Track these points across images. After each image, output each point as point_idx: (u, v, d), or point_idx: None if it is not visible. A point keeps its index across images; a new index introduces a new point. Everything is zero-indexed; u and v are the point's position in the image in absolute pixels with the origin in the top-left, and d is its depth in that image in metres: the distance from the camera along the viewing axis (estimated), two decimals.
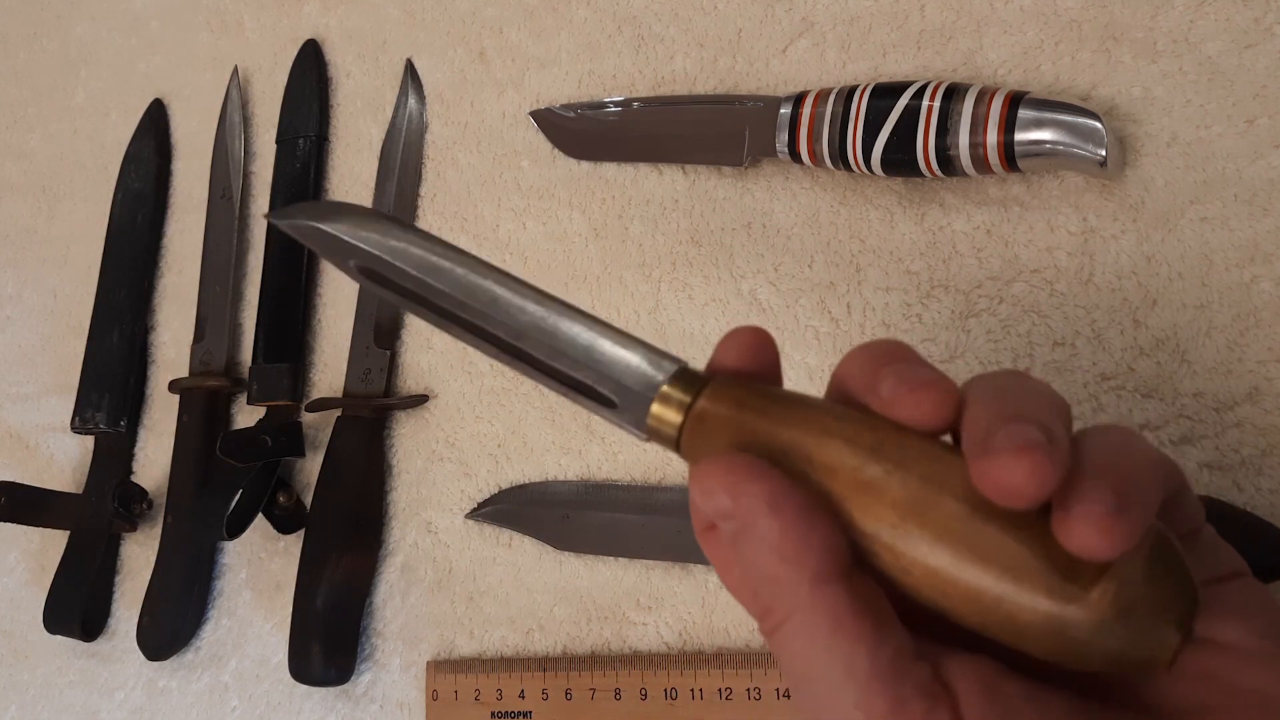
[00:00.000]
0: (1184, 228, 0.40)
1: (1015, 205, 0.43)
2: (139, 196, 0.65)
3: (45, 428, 0.66)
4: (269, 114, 0.62)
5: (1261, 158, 0.39)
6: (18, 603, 0.64)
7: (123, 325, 0.63)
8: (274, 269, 0.58)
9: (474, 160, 0.55)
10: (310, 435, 0.56)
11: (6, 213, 0.72)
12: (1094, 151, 0.38)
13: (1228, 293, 0.39)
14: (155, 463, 0.61)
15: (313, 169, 0.59)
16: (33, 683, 0.62)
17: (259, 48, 0.64)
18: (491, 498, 0.51)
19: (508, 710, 0.48)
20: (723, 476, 0.24)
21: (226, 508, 0.53)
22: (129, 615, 0.60)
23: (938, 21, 0.45)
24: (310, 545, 0.53)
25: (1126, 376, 0.40)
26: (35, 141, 0.72)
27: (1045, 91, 0.42)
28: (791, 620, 0.23)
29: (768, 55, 0.48)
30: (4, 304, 0.70)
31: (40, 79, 0.73)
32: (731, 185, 0.48)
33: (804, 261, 0.46)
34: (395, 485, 0.54)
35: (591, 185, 0.52)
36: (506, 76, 0.55)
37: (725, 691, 0.44)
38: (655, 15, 0.52)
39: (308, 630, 0.51)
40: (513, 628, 0.49)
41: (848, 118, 0.43)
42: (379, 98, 0.59)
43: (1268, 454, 0.38)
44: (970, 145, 0.40)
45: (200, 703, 0.57)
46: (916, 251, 0.44)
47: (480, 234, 0.54)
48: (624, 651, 0.47)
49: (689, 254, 0.49)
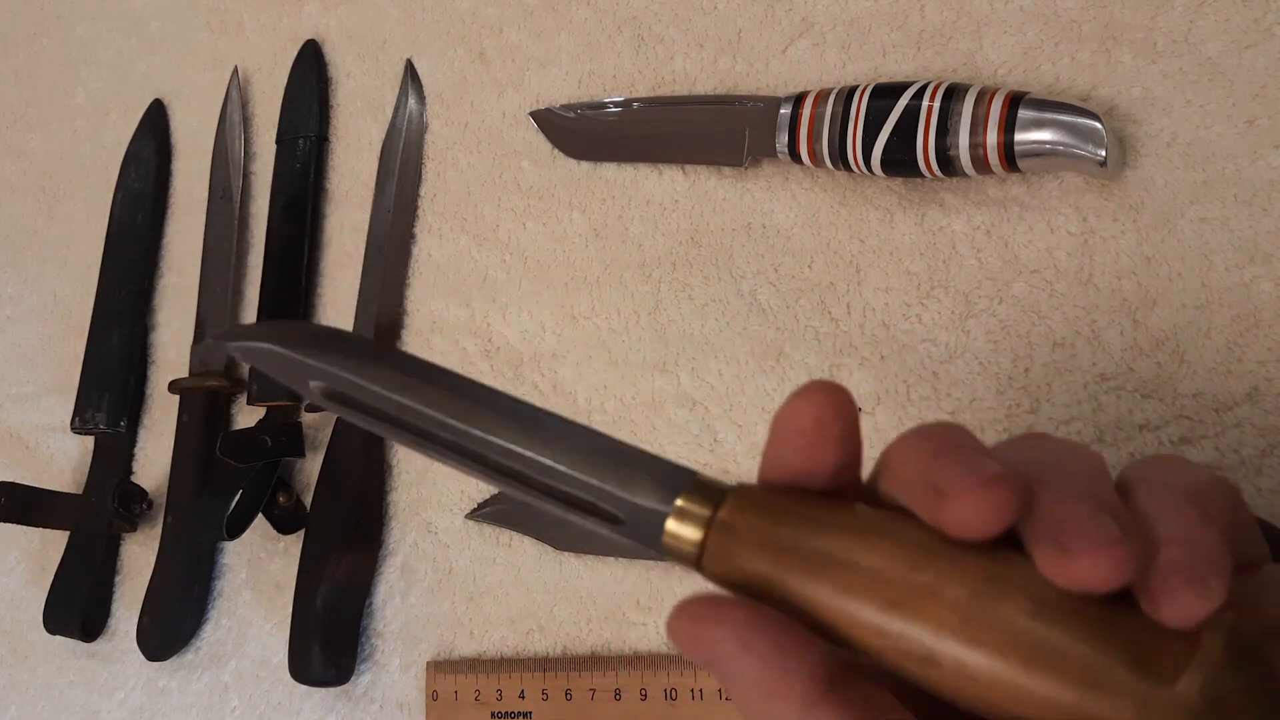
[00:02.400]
0: (1184, 228, 0.40)
1: (1015, 205, 0.43)
2: (139, 196, 0.65)
3: (45, 428, 0.66)
4: (269, 114, 0.62)
5: (1261, 158, 0.39)
6: (18, 603, 0.64)
7: (123, 325, 0.63)
8: (274, 269, 0.58)
9: (474, 160, 0.55)
10: (310, 435, 0.56)
11: (6, 213, 0.72)
12: (1094, 152, 0.38)
13: (1227, 293, 0.39)
14: (155, 463, 0.61)
15: (313, 169, 0.59)
16: (33, 683, 0.62)
17: (259, 48, 0.64)
18: (491, 498, 0.51)
19: (508, 710, 0.48)
20: (685, 628, 0.22)
21: (226, 508, 0.53)
22: (129, 615, 0.60)
23: (938, 22, 0.45)
24: (310, 545, 0.53)
25: (1126, 377, 0.40)
26: (35, 141, 0.72)
27: (1045, 91, 0.42)
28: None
29: (768, 55, 0.48)
30: (4, 304, 0.70)
31: (40, 79, 0.73)
32: (731, 185, 0.48)
33: (804, 262, 0.46)
34: (395, 485, 0.54)
35: (591, 185, 0.52)
36: (506, 76, 0.55)
37: (725, 691, 0.44)
38: (655, 15, 0.52)
39: (308, 630, 0.51)
40: (513, 628, 0.49)
41: (848, 118, 0.43)
42: (379, 98, 0.59)
43: (1268, 454, 0.38)
44: (970, 145, 0.40)
45: (200, 703, 0.57)
46: (916, 252, 0.44)
47: (480, 234, 0.54)
48: (624, 651, 0.47)
49: (689, 254, 0.49)
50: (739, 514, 0.23)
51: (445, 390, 0.26)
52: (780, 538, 0.23)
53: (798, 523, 0.23)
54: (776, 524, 0.23)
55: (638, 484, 0.24)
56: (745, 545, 0.23)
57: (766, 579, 0.23)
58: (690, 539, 0.24)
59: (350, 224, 0.58)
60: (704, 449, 0.47)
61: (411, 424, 0.26)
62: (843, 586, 0.22)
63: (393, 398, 0.26)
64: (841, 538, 0.22)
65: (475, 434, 0.25)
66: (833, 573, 0.22)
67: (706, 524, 0.23)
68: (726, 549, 0.23)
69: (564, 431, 0.25)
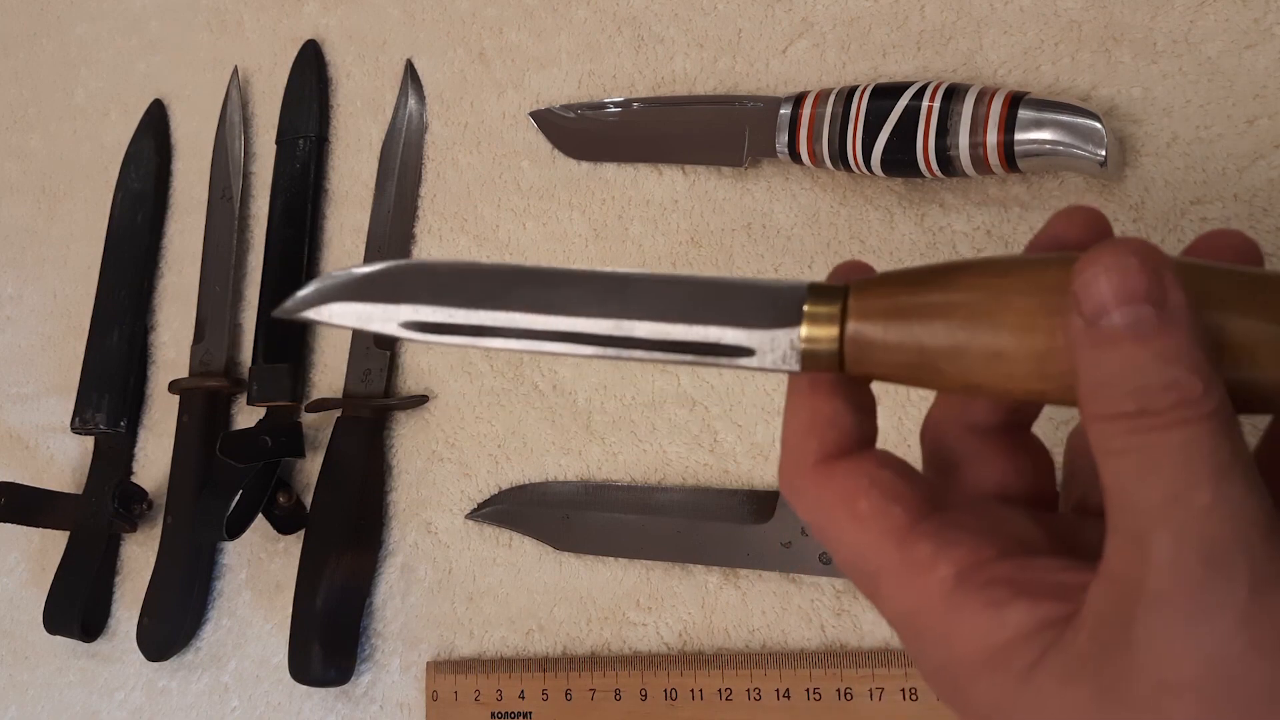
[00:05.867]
0: (1184, 228, 0.40)
1: (1015, 206, 0.43)
2: (139, 196, 0.65)
3: (45, 428, 0.66)
4: (269, 114, 0.62)
5: (1262, 158, 0.39)
6: (18, 603, 0.64)
7: (123, 325, 0.63)
8: (274, 269, 0.58)
9: (474, 160, 0.55)
10: (310, 435, 0.56)
11: (6, 213, 0.72)
12: (1094, 152, 0.38)
13: None
14: (155, 463, 0.61)
15: (313, 169, 0.59)
16: (33, 683, 0.62)
17: (259, 48, 0.64)
18: (491, 498, 0.51)
19: (508, 710, 0.48)
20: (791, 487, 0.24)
21: (226, 508, 0.53)
22: (129, 615, 0.60)
23: (938, 22, 0.45)
24: (310, 545, 0.53)
25: None
26: (35, 141, 0.72)
27: (1045, 92, 0.42)
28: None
29: (768, 55, 0.48)
30: (4, 304, 0.70)
31: (40, 79, 0.73)
32: (731, 185, 0.48)
33: (804, 262, 0.46)
34: (395, 485, 0.54)
35: (591, 185, 0.52)
36: (506, 77, 0.55)
37: (725, 692, 0.44)
38: (655, 15, 0.52)
39: (308, 630, 0.51)
40: (513, 628, 0.49)
41: (848, 118, 0.43)
42: (379, 98, 0.59)
43: None
44: (970, 146, 0.40)
45: (200, 703, 0.57)
46: (916, 252, 0.44)
47: (480, 234, 0.54)
48: (624, 652, 0.47)
49: (689, 254, 0.49)
50: (866, 300, 0.24)
51: (528, 288, 0.25)
52: (915, 301, 0.23)
53: (922, 286, 0.23)
54: (903, 294, 0.23)
55: (757, 311, 0.24)
56: (879, 329, 0.23)
57: (912, 362, 0.23)
58: (828, 339, 0.24)
59: (350, 224, 0.58)
60: (704, 449, 0.47)
61: (503, 330, 0.25)
62: (992, 349, 0.22)
63: (481, 321, 0.25)
64: (978, 276, 0.23)
65: (575, 324, 0.25)
66: (981, 337, 0.22)
67: (839, 319, 0.24)
68: (864, 339, 0.24)
69: (656, 288, 0.25)
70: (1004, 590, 0.22)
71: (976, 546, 0.23)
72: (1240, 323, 0.22)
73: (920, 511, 0.24)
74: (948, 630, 0.23)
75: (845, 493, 0.24)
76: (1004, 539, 0.24)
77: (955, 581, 0.23)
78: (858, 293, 0.24)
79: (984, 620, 0.22)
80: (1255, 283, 0.22)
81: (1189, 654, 0.20)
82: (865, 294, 0.24)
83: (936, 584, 0.23)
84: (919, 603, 0.23)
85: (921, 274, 0.24)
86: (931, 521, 0.24)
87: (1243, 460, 0.20)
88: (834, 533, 0.25)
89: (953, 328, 0.23)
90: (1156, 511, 0.20)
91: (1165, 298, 0.21)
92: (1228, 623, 0.20)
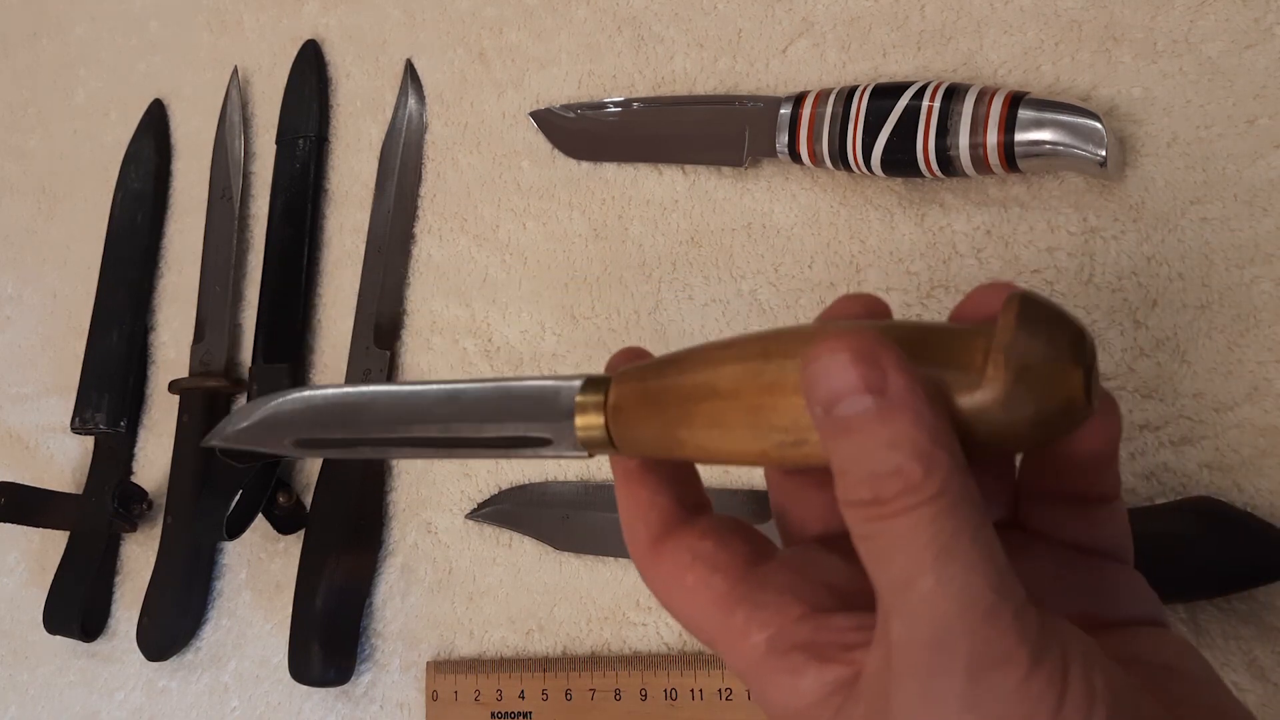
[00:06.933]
0: (1184, 228, 0.40)
1: (1015, 206, 0.43)
2: (139, 196, 0.65)
3: (45, 428, 0.66)
4: (269, 114, 0.62)
5: (1262, 158, 0.39)
6: (18, 603, 0.64)
7: (123, 325, 0.63)
8: (274, 269, 0.58)
9: (474, 160, 0.55)
10: None
11: (6, 213, 0.72)
12: (1094, 152, 0.38)
13: (1228, 293, 0.39)
14: (155, 463, 0.61)
15: (313, 169, 0.59)
16: (33, 683, 0.62)
17: (259, 48, 0.64)
18: (491, 498, 0.51)
19: (508, 710, 0.48)
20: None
21: (226, 508, 0.53)
22: (129, 615, 0.60)
23: (938, 22, 0.45)
24: (310, 545, 0.53)
25: (1127, 377, 0.40)
26: (35, 141, 0.72)
27: (1045, 92, 0.42)
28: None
29: (768, 55, 0.48)
30: (4, 304, 0.70)
31: (40, 79, 0.73)
32: (731, 186, 0.48)
33: (804, 262, 0.46)
34: (395, 485, 0.54)
35: (591, 185, 0.52)
36: (506, 77, 0.55)
37: (725, 692, 0.44)
38: (655, 15, 0.52)
39: (308, 631, 0.51)
40: (513, 628, 0.49)
41: (848, 118, 0.43)
42: (379, 98, 0.59)
43: (1268, 454, 0.38)
44: (970, 145, 0.40)
45: (200, 703, 0.57)
46: (916, 252, 0.44)
47: (480, 234, 0.54)
48: (624, 652, 0.47)
49: (689, 254, 0.49)
50: (622, 389, 0.26)
51: (384, 405, 0.29)
52: (655, 392, 0.25)
53: (662, 375, 0.25)
54: (648, 384, 0.26)
55: (546, 406, 0.27)
56: (634, 411, 0.26)
57: (658, 436, 0.25)
58: (597, 426, 0.26)
59: (350, 224, 0.58)
60: None
61: (366, 441, 0.29)
62: (712, 417, 0.24)
63: (346, 436, 0.30)
64: (701, 369, 0.25)
65: (414, 431, 0.29)
66: (694, 405, 0.24)
67: (602, 407, 0.26)
68: (623, 421, 0.26)
69: (479, 395, 0.28)
70: (800, 656, 0.23)
71: (784, 606, 0.24)
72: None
73: (740, 574, 0.25)
74: (765, 691, 0.24)
75: (674, 569, 0.26)
76: (814, 590, 0.24)
77: (767, 648, 0.24)
78: (617, 381, 0.26)
79: (786, 687, 0.23)
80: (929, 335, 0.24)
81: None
82: (621, 381, 0.26)
83: (751, 650, 0.24)
84: (744, 666, 0.24)
85: (669, 358, 0.26)
86: (748, 583, 0.25)
87: (967, 537, 0.21)
88: (673, 607, 0.26)
89: (682, 401, 0.25)
90: (892, 595, 0.21)
91: (885, 385, 0.21)
92: (950, 705, 0.20)
